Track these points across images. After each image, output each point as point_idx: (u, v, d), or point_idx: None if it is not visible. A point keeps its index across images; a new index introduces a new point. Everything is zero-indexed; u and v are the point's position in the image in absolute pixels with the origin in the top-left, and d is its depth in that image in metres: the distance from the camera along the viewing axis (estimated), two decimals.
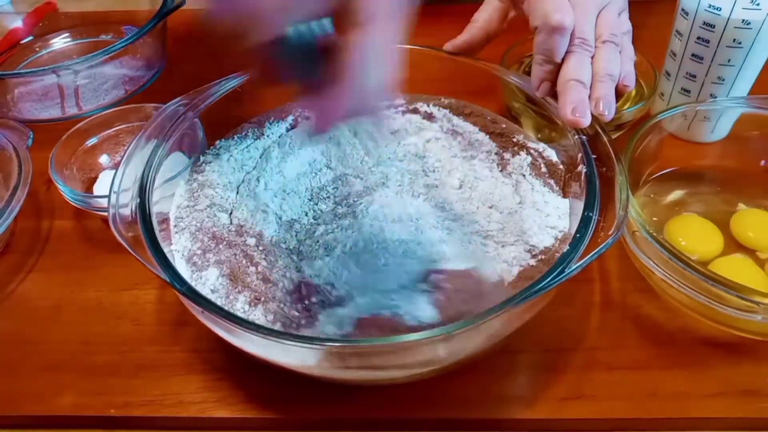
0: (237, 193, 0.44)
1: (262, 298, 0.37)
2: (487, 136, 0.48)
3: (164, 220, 0.42)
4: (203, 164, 0.46)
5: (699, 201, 0.49)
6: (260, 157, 0.47)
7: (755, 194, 0.49)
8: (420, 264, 0.39)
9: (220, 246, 0.40)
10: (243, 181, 0.45)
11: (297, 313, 0.36)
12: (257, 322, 0.36)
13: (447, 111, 0.51)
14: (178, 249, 0.40)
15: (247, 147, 0.48)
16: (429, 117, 0.51)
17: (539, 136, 0.48)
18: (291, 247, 0.41)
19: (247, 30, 0.26)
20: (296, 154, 0.47)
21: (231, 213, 0.43)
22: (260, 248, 0.40)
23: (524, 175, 0.44)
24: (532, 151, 0.46)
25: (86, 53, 0.59)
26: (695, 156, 0.54)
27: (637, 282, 0.45)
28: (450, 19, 0.70)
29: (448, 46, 0.50)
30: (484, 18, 0.49)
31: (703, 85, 0.52)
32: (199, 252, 0.40)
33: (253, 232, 0.41)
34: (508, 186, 0.44)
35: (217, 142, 0.48)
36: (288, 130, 0.50)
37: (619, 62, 0.43)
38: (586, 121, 0.40)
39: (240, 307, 0.37)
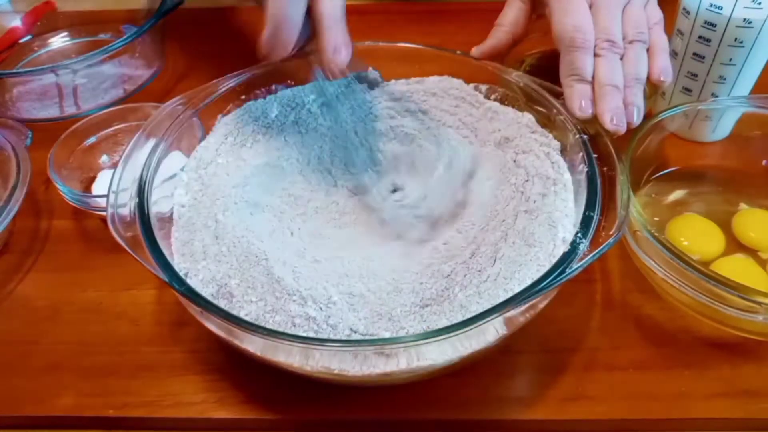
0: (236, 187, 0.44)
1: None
2: None
3: (163, 220, 0.41)
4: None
5: (700, 201, 0.49)
6: None
7: (757, 194, 0.49)
8: None
9: (220, 243, 0.40)
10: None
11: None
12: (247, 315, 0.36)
13: None
14: (177, 247, 0.40)
15: None
16: None
17: None
18: None
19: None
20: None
21: (229, 209, 0.43)
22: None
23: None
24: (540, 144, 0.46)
25: (85, 52, 0.59)
26: (697, 156, 0.54)
27: (638, 282, 0.44)
28: (450, 18, 0.70)
29: (475, 52, 0.49)
30: (509, 21, 0.48)
31: (704, 85, 0.52)
32: (199, 248, 0.40)
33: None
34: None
35: None
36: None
37: (646, 61, 0.42)
38: (623, 129, 0.40)
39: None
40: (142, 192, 0.40)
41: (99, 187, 0.51)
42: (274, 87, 0.50)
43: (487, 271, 0.38)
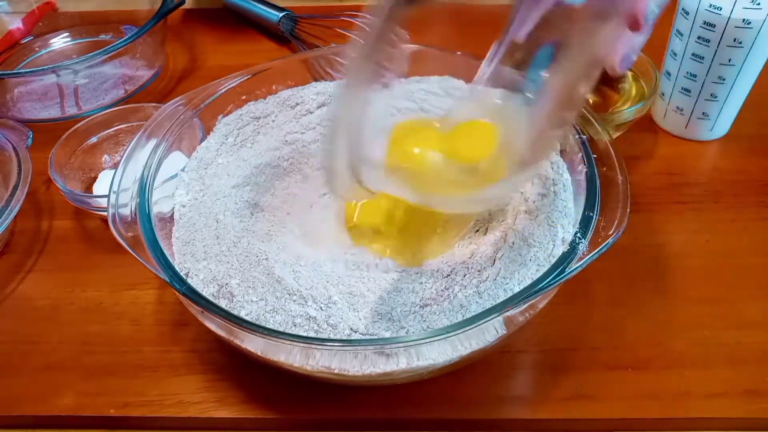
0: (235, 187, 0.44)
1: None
2: None
3: (164, 220, 0.42)
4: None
5: None
6: None
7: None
8: None
9: (220, 243, 0.40)
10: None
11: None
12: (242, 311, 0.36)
13: None
14: (178, 247, 0.40)
15: None
16: None
17: None
18: None
19: None
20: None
21: (230, 209, 0.43)
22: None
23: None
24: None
25: (86, 53, 0.59)
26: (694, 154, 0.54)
27: (638, 281, 0.45)
28: (449, 18, 0.70)
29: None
30: None
31: (703, 85, 0.52)
32: (200, 248, 0.40)
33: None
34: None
35: None
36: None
37: None
38: None
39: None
40: (143, 192, 0.40)
41: (100, 187, 0.51)
42: (274, 87, 0.51)
43: (486, 271, 0.38)
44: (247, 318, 0.36)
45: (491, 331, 0.35)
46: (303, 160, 0.48)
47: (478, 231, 0.42)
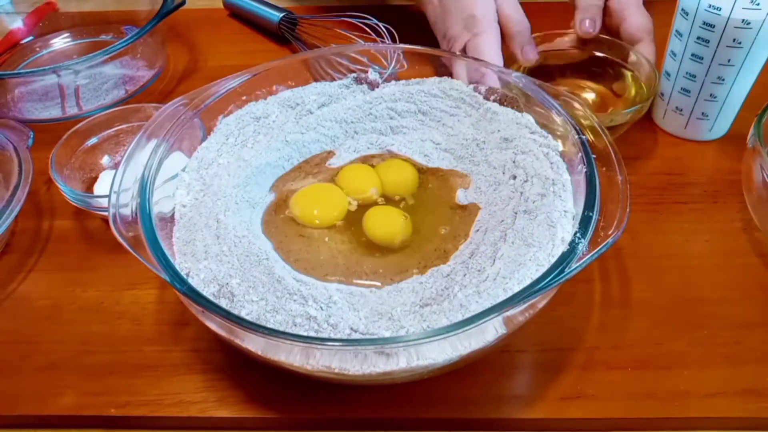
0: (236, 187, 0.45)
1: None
2: None
3: (164, 220, 0.42)
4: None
5: None
6: None
7: None
8: None
9: (221, 243, 0.40)
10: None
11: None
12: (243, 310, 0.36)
13: None
14: (178, 246, 0.40)
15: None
16: None
17: None
18: None
19: None
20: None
21: (230, 209, 0.43)
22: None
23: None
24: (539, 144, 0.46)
25: (86, 53, 0.59)
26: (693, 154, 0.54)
27: (637, 281, 0.45)
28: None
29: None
30: None
31: (703, 85, 0.52)
32: (200, 248, 0.40)
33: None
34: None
35: None
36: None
37: None
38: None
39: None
40: (143, 192, 0.40)
41: (101, 187, 0.51)
42: (275, 87, 0.51)
43: (486, 271, 0.38)
44: (247, 317, 0.36)
45: (491, 331, 0.35)
46: (303, 160, 0.48)
47: (477, 231, 0.42)
